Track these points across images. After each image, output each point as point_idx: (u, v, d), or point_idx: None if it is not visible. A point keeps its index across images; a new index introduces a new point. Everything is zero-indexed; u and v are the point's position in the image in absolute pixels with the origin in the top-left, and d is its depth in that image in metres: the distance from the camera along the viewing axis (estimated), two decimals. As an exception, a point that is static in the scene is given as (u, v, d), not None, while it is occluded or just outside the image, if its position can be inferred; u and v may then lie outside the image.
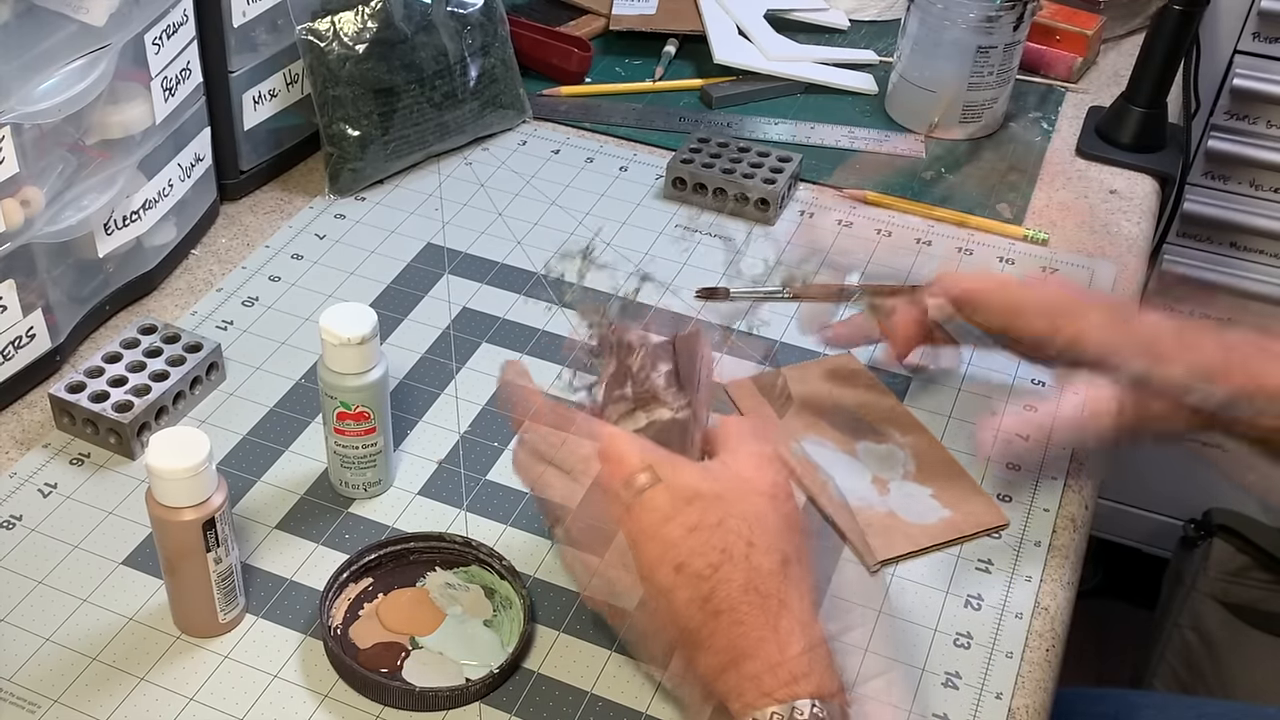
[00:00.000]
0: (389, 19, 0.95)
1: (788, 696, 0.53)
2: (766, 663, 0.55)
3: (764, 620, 0.56)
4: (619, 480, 0.58)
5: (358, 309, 0.68)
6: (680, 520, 0.57)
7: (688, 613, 0.56)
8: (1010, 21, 1.02)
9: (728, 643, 0.56)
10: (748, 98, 1.12)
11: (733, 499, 0.58)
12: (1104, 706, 0.99)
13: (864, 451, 0.78)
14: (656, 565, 0.57)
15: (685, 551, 0.57)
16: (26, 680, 0.63)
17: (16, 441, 0.77)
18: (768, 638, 0.55)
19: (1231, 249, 1.47)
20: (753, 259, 0.93)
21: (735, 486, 0.59)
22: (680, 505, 0.58)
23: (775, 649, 0.55)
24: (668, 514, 0.58)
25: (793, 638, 0.55)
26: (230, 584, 0.64)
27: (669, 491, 0.58)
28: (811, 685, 0.54)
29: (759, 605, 0.56)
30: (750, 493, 0.59)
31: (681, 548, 0.57)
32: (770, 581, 0.56)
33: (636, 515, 0.58)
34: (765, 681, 0.54)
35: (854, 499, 0.74)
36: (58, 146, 0.76)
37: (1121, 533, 1.72)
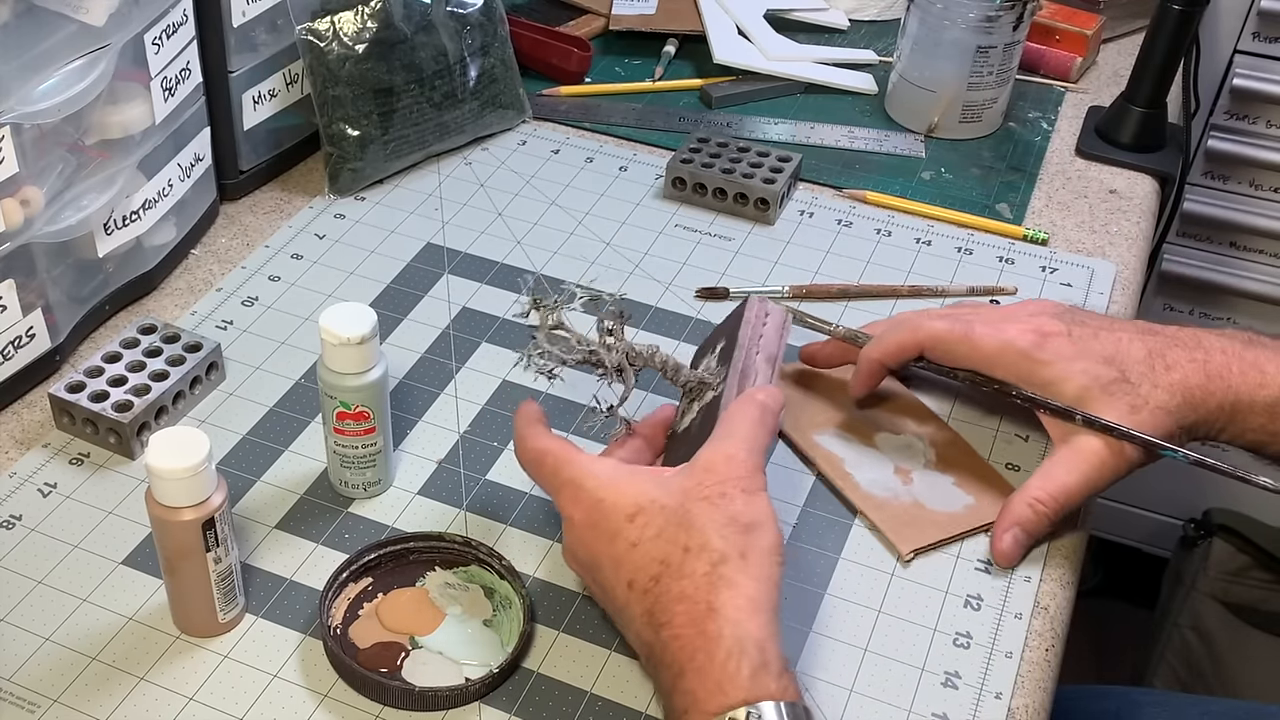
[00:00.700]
0: (389, 19, 0.95)
1: (719, 708, 0.52)
2: (699, 675, 0.54)
3: (694, 629, 0.55)
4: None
5: (357, 309, 0.68)
6: (625, 536, 0.59)
7: (644, 627, 0.58)
8: (1010, 21, 1.02)
9: (670, 656, 0.56)
10: (747, 98, 1.12)
11: (674, 506, 0.59)
12: (1105, 704, 0.99)
13: (883, 442, 0.78)
14: (615, 584, 0.59)
15: (630, 567, 0.58)
16: (26, 680, 0.63)
17: (16, 441, 0.77)
18: (698, 646, 0.55)
19: (1231, 249, 1.47)
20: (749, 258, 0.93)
21: (680, 491, 0.60)
22: (622, 523, 0.59)
23: (704, 657, 0.54)
24: (615, 531, 0.59)
25: (719, 644, 0.54)
26: (230, 584, 0.64)
27: (616, 505, 0.60)
28: (741, 692, 0.53)
29: (688, 614, 0.56)
30: (693, 497, 0.60)
31: (627, 563, 0.58)
32: (700, 586, 0.56)
33: (590, 535, 0.61)
34: (699, 694, 0.54)
35: (880, 490, 0.74)
36: (57, 146, 0.76)
37: (1121, 532, 1.72)
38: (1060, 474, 0.71)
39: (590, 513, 0.61)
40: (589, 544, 0.61)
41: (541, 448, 0.65)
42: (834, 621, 0.68)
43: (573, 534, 0.62)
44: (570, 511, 0.62)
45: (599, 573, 0.61)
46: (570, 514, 0.62)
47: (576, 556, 0.63)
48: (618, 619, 0.62)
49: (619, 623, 0.62)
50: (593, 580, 0.62)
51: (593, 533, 0.60)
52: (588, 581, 0.64)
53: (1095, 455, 0.70)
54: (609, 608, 0.62)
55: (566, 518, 0.62)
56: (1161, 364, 0.71)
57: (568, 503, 0.62)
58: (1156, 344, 0.72)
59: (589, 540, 0.61)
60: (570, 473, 0.63)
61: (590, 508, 0.61)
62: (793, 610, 0.68)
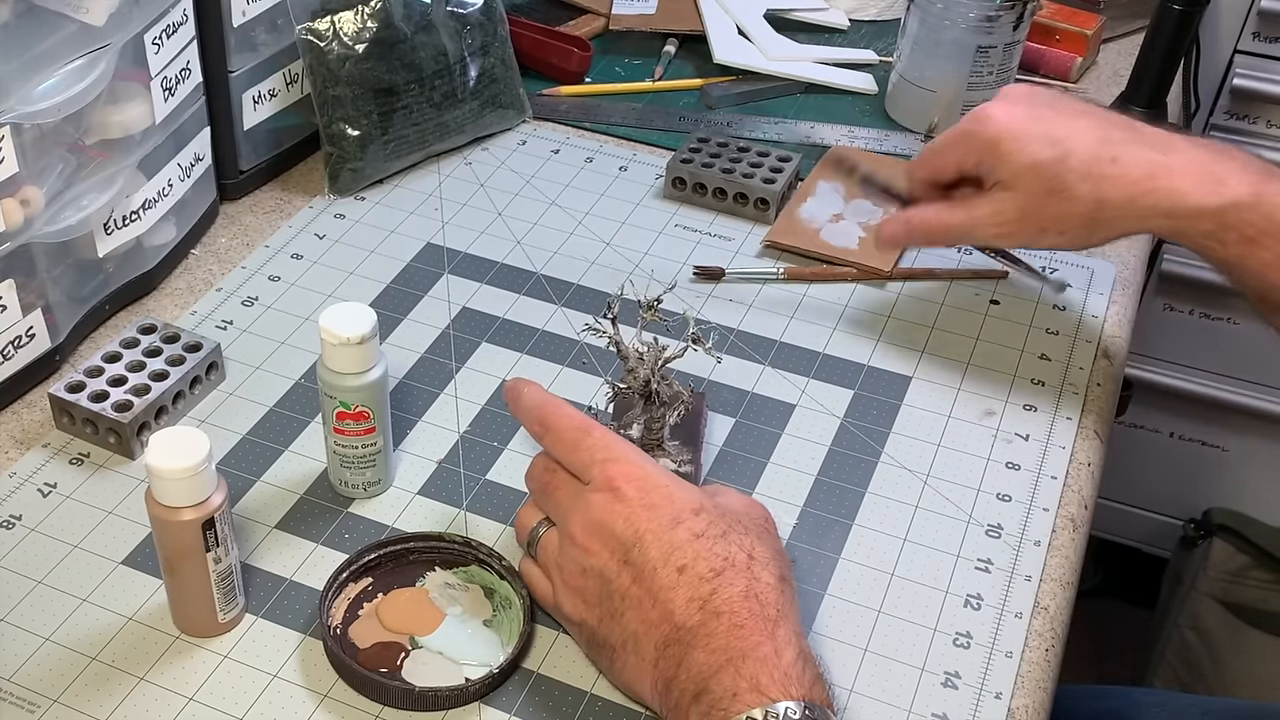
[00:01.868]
0: (389, 19, 0.95)
1: (781, 696, 0.55)
2: (764, 664, 0.56)
3: (762, 626, 0.57)
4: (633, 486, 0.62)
5: (357, 308, 0.68)
6: (687, 526, 0.60)
7: (687, 611, 0.58)
8: (1010, 21, 1.02)
9: (726, 643, 0.57)
10: (748, 97, 1.12)
11: (733, 519, 0.62)
12: (1105, 704, 0.99)
13: None
14: (660, 565, 0.59)
15: (690, 555, 0.59)
16: (26, 680, 0.63)
17: (16, 441, 0.77)
18: (765, 642, 0.57)
19: (1231, 249, 1.46)
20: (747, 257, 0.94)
21: (735, 511, 0.63)
22: (687, 514, 0.61)
23: (772, 652, 0.57)
24: (676, 518, 0.60)
25: (789, 646, 0.57)
26: (230, 584, 0.64)
27: (677, 499, 0.61)
28: (804, 689, 0.56)
29: (758, 613, 0.58)
30: (747, 518, 0.63)
31: (686, 550, 0.59)
32: (770, 593, 0.59)
33: (645, 515, 0.61)
34: (762, 680, 0.55)
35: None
36: (57, 146, 0.76)
37: (1121, 532, 1.72)
38: (959, 215, 0.79)
39: (649, 493, 0.61)
40: (637, 520, 0.60)
41: (584, 419, 0.65)
42: (834, 621, 0.68)
43: (616, 507, 0.61)
44: (622, 484, 0.61)
45: (639, 549, 0.60)
46: (621, 486, 0.61)
47: (609, 528, 0.61)
48: (640, 595, 0.59)
49: (636, 600, 0.60)
50: (621, 555, 0.60)
51: (648, 512, 0.61)
52: (605, 554, 0.61)
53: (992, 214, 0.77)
54: (633, 582, 0.60)
55: (615, 489, 0.61)
56: (1109, 155, 0.74)
57: (619, 476, 0.62)
58: (1116, 137, 0.75)
59: (639, 517, 0.60)
60: (624, 449, 0.64)
61: (650, 489, 0.61)
62: (793, 610, 0.69)
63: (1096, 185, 0.73)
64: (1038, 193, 0.75)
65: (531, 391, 0.68)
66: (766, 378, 0.83)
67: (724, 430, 0.79)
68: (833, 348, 0.86)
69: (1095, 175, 0.73)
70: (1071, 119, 0.76)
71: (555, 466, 0.65)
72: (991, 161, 0.76)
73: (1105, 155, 0.73)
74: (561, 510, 0.64)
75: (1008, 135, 0.75)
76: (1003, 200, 0.76)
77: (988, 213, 0.77)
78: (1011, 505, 0.75)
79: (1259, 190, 0.72)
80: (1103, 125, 0.75)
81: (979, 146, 0.77)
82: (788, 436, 0.79)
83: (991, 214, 0.77)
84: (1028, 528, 0.74)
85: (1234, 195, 0.72)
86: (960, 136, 0.78)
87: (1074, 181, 0.74)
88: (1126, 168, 0.73)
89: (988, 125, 0.76)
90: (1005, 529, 0.74)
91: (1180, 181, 0.72)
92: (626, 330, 0.71)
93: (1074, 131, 0.75)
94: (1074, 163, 0.74)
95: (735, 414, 0.81)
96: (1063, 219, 0.75)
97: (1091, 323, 0.89)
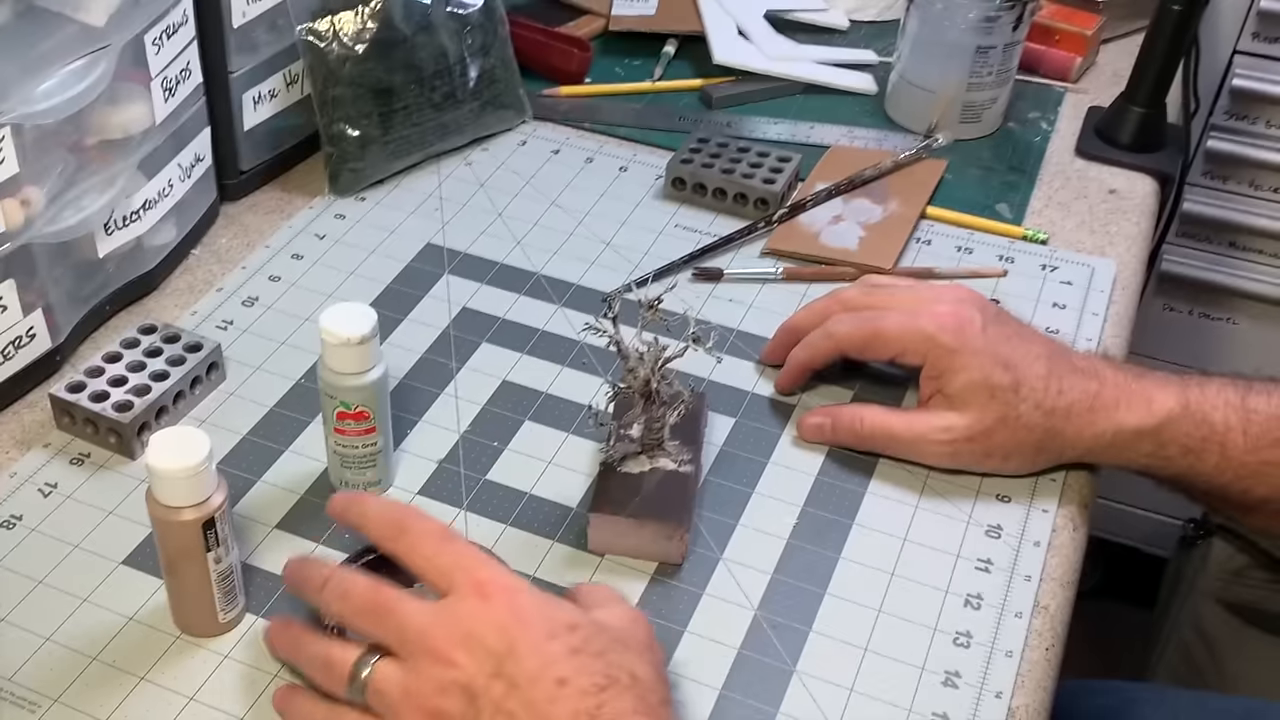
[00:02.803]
0: (389, 19, 0.95)
1: None
2: None
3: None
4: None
5: (357, 309, 0.68)
6: (563, 640, 0.56)
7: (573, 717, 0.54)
8: (1010, 22, 1.02)
9: None
10: (747, 98, 1.12)
11: (612, 638, 0.58)
12: (1107, 699, 0.98)
13: None
14: (538, 676, 0.55)
15: (570, 669, 0.55)
16: (26, 680, 0.63)
17: (16, 441, 0.77)
18: None
19: (1231, 249, 1.47)
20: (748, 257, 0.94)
21: (614, 629, 0.59)
22: (562, 630, 0.56)
23: None
24: (552, 632, 0.56)
25: None
26: (230, 584, 0.64)
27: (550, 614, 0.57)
28: None
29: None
30: (630, 639, 0.59)
31: (565, 664, 0.55)
32: (662, 710, 0.56)
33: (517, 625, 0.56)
34: None
35: None
36: (57, 147, 0.76)
37: (1121, 532, 1.72)
38: (901, 423, 0.76)
39: (521, 605, 0.57)
40: (510, 630, 0.56)
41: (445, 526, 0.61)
42: (834, 621, 0.68)
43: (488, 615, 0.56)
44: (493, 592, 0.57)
45: (513, 660, 0.55)
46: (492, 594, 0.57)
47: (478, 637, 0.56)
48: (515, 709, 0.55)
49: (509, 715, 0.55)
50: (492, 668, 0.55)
51: (521, 624, 0.56)
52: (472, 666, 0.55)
53: (933, 436, 0.75)
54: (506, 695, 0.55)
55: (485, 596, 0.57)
56: (1056, 387, 0.73)
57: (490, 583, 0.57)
58: (1058, 367, 0.74)
59: (512, 628, 0.56)
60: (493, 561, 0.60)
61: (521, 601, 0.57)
62: (793, 610, 0.69)
63: (1047, 416, 0.73)
64: (988, 418, 0.73)
65: (375, 499, 0.64)
66: (766, 378, 0.83)
67: (724, 430, 0.79)
68: (833, 348, 0.86)
69: (1046, 407, 0.73)
70: (1022, 343, 0.74)
71: (384, 583, 0.59)
72: (942, 372, 0.74)
73: (1053, 387, 0.73)
74: (410, 626, 0.57)
75: (966, 350, 0.73)
76: (951, 419, 0.74)
77: (936, 427, 0.74)
78: (1011, 505, 0.75)
79: (1184, 399, 0.73)
80: (1045, 351, 0.74)
81: (933, 351, 0.74)
82: (787, 436, 0.79)
83: (939, 429, 0.74)
84: (1027, 528, 0.74)
85: (1165, 410, 0.72)
86: (918, 335, 0.75)
87: (1026, 411, 0.73)
88: (1071, 398, 0.73)
89: (943, 334, 0.74)
90: (1005, 529, 0.74)
91: (1115, 409, 0.73)
92: (626, 330, 0.71)
93: (1025, 358, 0.73)
94: (1025, 391, 0.73)
95: (735, 414, 0.81)
96: (1011, 446, 0.74)
97: (1091, 322, 0.89)
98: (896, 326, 0.76)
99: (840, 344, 0.78)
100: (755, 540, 0.72)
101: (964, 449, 0.74)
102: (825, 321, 0.79)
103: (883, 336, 0.76)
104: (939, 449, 0.75)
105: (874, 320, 0.77)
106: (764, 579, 0.70)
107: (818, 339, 0.79)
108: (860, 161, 1.01)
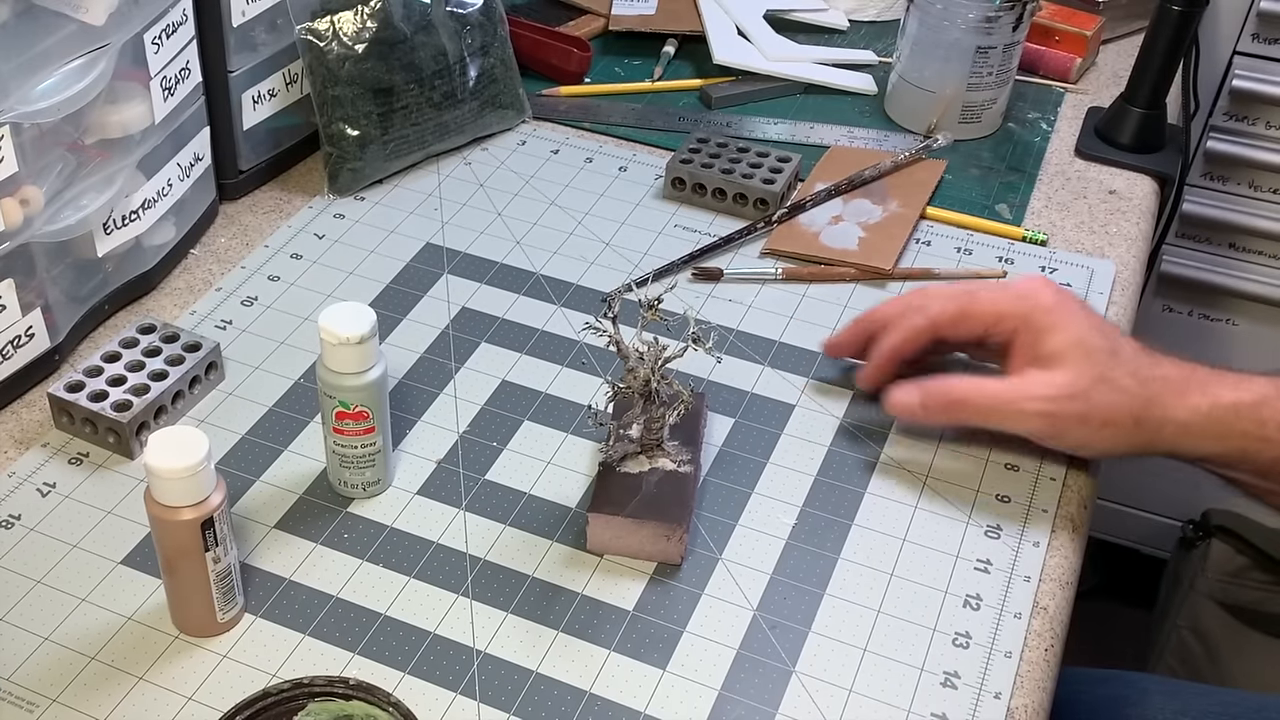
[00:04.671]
0: (388, 19, 0.95)
1: None
2: None
3: None
4: None
5: (357, 308, 0.68)
6: None
7: None
8: (1010, 22, 1.02)
9: None
10: (747, 98, 1.12)
11: None
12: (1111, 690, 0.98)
13: None
14: None
15: None
16: (25, 679, 0.63)
17: (15, 441, 0.77)
18: None
19: (1230, 250, 1.47)
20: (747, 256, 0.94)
21: None
22: None
23: None
24: None
25: None
26: (229, 583, 0.64)
27: None
28: None
29: None
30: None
31: None
32: None
33: None
34: None
35: None
36: (57, 146, 0.76)
37: (1120, 533, 1.72)
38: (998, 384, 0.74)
39: None
40: None
41: None
42: (834, 621, 0.68)
43: None
44: None
45: None
46: None
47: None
48: None
49: None
50: None
51: None
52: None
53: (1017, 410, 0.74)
54: None
55: None
56: (1150, 360, 0.73)
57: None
58: (1149, 347, 0.74)
59: None
60: None
61: None
62: (793, 610, 0.69)
63: (1144, 385, 0.72)
64: (1087, 375, 0.72)
65: None
66: (766, 378, 0.83)
67: (724, 430, 0.79)
68: (832, 348, 0.86)
69: (1142, 375, 0.72)
70: (1108, 324, 0.75)
71: None
72: (1040, 331, 0.73)
73: (1147, 360, 0.73)
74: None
75: (1061, 308, 0.74)
76: (1050, 376, 0.72)
77: (1037, 382, 0.72)
78: (1010, 506, 0.75)
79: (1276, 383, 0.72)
80: (1132, 340, 0.75)
81: (1031, 312, 0.74)
82: (787, 437, 0.79)
83: (1041, 385, 0.72)
84: (1027, 528, 0.74)
85: (1260, 388, 0.72)
86: (1014, 297, 0.75)
87: (1121, 375, 0.72)
88: (1166, 371, 0.73)
89: (1042, 295, 0.74)
90: (1004, 529, 0.74)
91: (1210, 384, 0.72)
92: (626, 330, 0.71)
93: (1116, 334, 0.74)
94: (1123, 358, 0.72)
95: (735, 414, 0.81)
96: (1109, 410, 0.72)
97: (1091, 323, 0.89)
98: (992, 296, 0.76)
99: (935, 320, 0.77)
100: (755, 540, 0.72)
101: (1065, 408, 0.72)
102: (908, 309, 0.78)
103: (978, 305, 0.76)
104: (1039, 407, 0.72)
105: (967, 293, 0.77)
106: (763, 579, 0.70)
107: (910, 320, 0.77)
108: (860, 162, 1.01)
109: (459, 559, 0.71)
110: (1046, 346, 0.73)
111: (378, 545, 0.71)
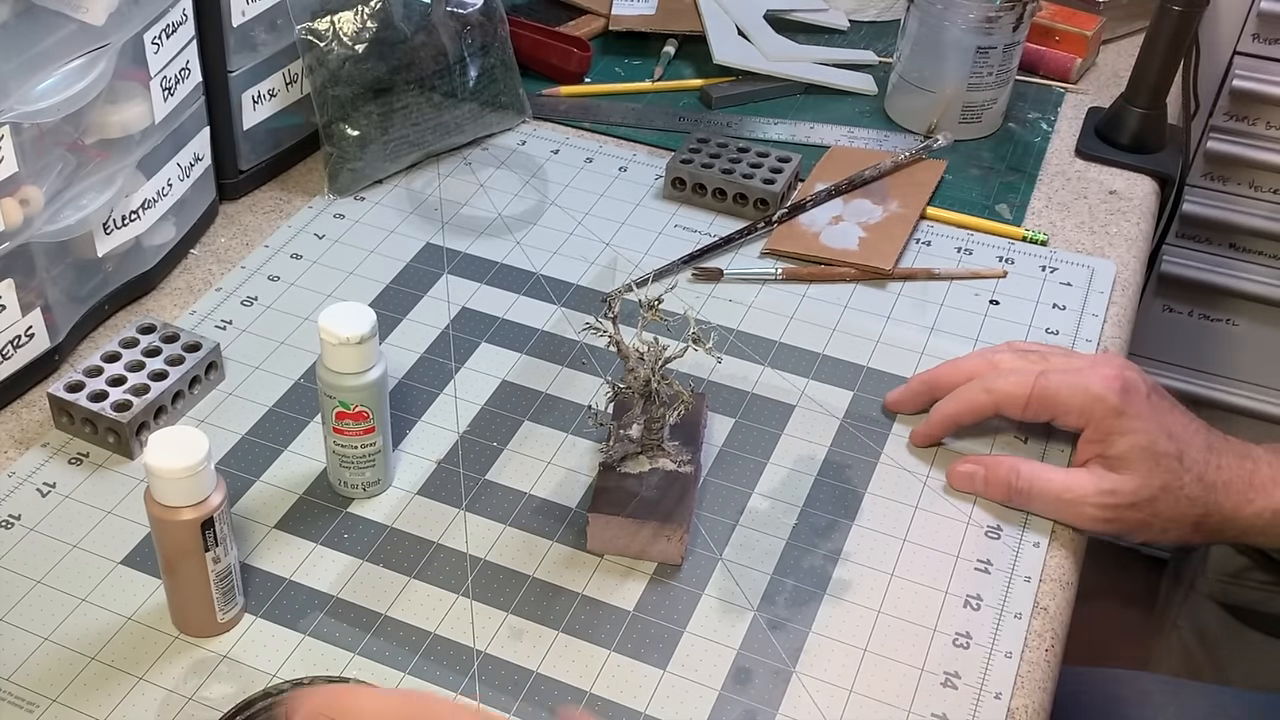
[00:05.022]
0: (388, 19, 0.95)
1: None
2: None
3: None
4: None
5: (357, 308, 0.68)
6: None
7: None
8: (1010, 22, 1.02)
9: None
10: (747, 98, 1.12)
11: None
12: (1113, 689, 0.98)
13: None
14: None
15: None
16: (25, 679, 0.63)
17: (15, 441, 0.77)
18: None
19: (1231, 250, 1.47)
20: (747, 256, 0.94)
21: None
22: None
23: None
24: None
25: None
26: (229, 583, 0.64)
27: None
28: None
29: None
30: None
31: None
32: None
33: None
34: None
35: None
36: (57, 146, 0.76)
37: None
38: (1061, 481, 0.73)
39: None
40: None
41: None
42: (834, 621, 0.68)
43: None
44: None
45: None
46: None
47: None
48: None
49: None
50: None
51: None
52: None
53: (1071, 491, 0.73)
54: None
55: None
56: (1215, 462, 0.73)
57: None
58: (1216, 442, 0.74)
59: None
60: None
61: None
62: (793, 610, 0.69)
63: (1208, 490, 0.72)
64: (1154, 485, 0.71)
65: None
66: (766, 378, 0.83)
67: (724, 430, 0.79)
68: (832, 348, 0.86)
69: (1207, 480, 0.72)
70: (1181, 415, 0.74)
71: None
72: (1107, 434, 0.72)
73: (1213, 461, 0.72)
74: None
75: (1133, 413, 0.72)
76: (1114, 481, 0.72)
77: (1100, 489, 0.72)
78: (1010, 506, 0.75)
79: None
80: (1201, 426, 0.74)
81: (1099, 411, 0.72)
82: (787, 437, 0.79)
83: (1103, 492, 0.72)
84: (1027, 529, 0.74)
85: None
86: (1085, 394, 0.73)
87: (1189, 482, 0.71)
88: (1230, 474, 0.72)
89: (1111, 395, 0.72)
90: (1004, 530, 0.74)
91: (1274, 487, 0.72)
92: (626, 330, 0.71)
93: (1185, 429, 0.73)
94: (1188, 462, 0.72)
95: (735, 414, 0.80)
96: (1171, 518, 0.72)
97: (1091, 323, 0.89)
98: (1061, 385, 0.74)
99: (999, 401, 0.76)
100: (755, 540, 0.72)
101: (1126, 515, 0.72)
102: (975, 379, 0.77)
103: (1047, 394, 0.74)
104: (1098, 513, 0.72)
105: (1037, 378, 0.75)
106: (763, 579, 0.70)
107: (974, 394, 0.76)
108: (860, 162, 1.01)
109: (459, 559, 0.71)
110: (1114, 448, 0.72)
111: (378, 545, 0.71)
